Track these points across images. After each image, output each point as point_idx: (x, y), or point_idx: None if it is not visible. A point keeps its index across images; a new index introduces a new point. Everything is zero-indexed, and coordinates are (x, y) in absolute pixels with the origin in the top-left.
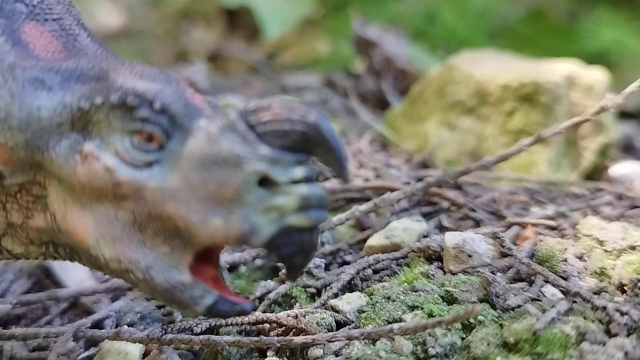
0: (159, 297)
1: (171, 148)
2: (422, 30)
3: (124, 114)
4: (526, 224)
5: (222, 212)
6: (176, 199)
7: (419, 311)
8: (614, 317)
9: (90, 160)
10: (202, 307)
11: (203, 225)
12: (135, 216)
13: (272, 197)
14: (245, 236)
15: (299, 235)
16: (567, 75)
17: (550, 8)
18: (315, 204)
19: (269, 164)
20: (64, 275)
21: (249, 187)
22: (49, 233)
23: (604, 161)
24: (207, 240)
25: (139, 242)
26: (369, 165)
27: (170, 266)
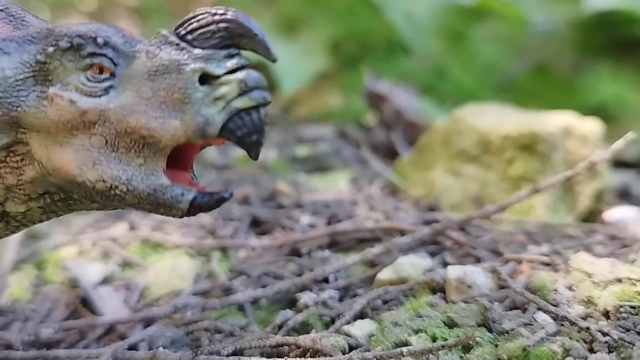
0: (145, 204)
1: (120, 73)
2: (430, 85)
3: (74, 55)
4: (522, 260)
5: (176, 113)
6: (135, 112)
7: (423, 334)
8: (596, 336)
9: (55, 100)
10: (185, 203)
11: (163, 129)
12: (106, 138)
13: (215, 90)
14: (202, 129)
15: (248, 116)
16: (563, 126)
17: (555, 63)
18: (254, 85)
19: (205, 62)
20: (100, 304)
21: (192, 86)
22: (41, 182)
23: (599, 205)
24: (171, 141)
25: (115, 160)
26: (379, 209)
27: (148, 174)
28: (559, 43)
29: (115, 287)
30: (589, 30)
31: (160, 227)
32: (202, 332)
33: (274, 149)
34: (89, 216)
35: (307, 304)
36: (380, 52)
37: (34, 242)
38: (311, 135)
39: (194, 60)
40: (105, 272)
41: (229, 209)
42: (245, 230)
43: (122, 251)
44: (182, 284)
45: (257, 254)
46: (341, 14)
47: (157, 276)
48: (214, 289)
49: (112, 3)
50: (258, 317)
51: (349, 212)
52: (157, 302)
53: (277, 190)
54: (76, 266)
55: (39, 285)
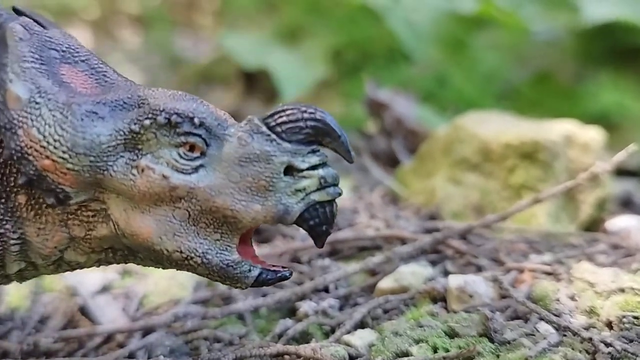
0: (215, 276)
1: (211, 154)
2: (431, 93)
3: (169, 131)
4: (524, 269)
5: (260, 199)
6: (222, 193)
7: (424, 344)
8: (599, 347)
9: (147, 172)
10: (251, 279)
11: (246, 212)
12: (190, 213)
13: (297, 182)
14: (280, 216)
15: (322, 209)
16: (564, 134)
17: (556, 71)
18: (331, 182)
19: (291, 155)
20: (99, 313)
21: (278, 176)
22: (111, 240)
23: (602, 214)
24: (251, 224)
25: (194, 234)
26: (379, 217)
27: (222, 249)
28: (560, 51)
29: (114, 296)
30: (590, 39)
31: None
32: (202, 341)
33: None
34: None
35: (307, 313)
36: (381, 60)
37: None
38: None
39: (282, 153)
40: (104, 281)
41: None
42: None
43: None
44: (182, 292)
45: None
46: (342, 22)
47: (157, 285)
48: (213, 297)
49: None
50: (258, 326)
51: (349, 220)
52: (157, 311)
53: None
54: (75, 274)
55: (37, 294)
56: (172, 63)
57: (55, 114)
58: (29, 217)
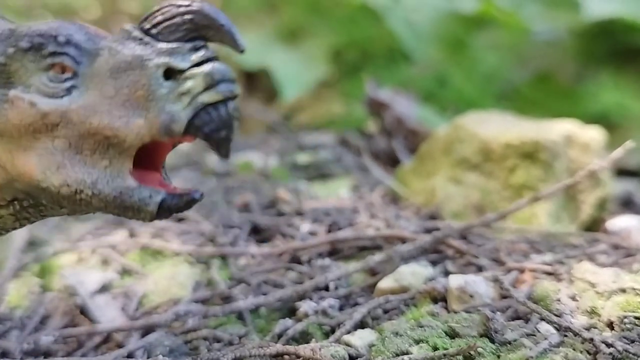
0: (112, 208)
1: (83, 72)
2: (432, 92)
3: (35, 55)
4: (524, 269)
5: (140, 111)
6: (98, 112)
7: (424, 344)
8: (600, 348)
9: (16, 103)
10: (153, 206)
11: (127, 128)
12: (70, 141)
13: (180, 85)
14: (166, 126)
15: (215, 111)
16: (565, 134)
17: (556, 71)
18: (220, 78)
19: (169, 56)
20: (98, 313)
21: (156, 81)
22: (8, 188)
23: (602, 214)
24: (136, 141)
25: (79, 164)
26: (380, 217)
27: (113, 176)
28: (561, 51)
29: (114, 295)
30: (590, 39)
31: (160, 235)
32: (201, 340)
33: (274, 156)
34: (88, 223)
35: (307, 313)
36: (382, 60)
37: (33, 250)
38: (312, 142)
39: (157, 55)
40: (103, 280)
41: (229, 216)
42: (245, 238)
43: (121, 259)
44: (181, 292)
45: (257, 261)
46: (343, 22)
47: (156, 284)
48: (213, 297)
49: (115, 11)
50: (257, 325)
51: (349, 219)
52: (156, 310)
53: (277, 198)
54: (74, 274)
55: (37, 293)
56: None
57: None
58: None
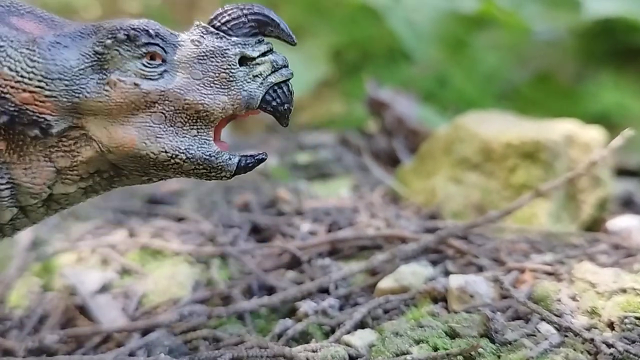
0: (201, 169)
1: (171, 59)
2: (432, 92)
3: (130, 45)
4: (525, 269)
5: (224, 90)
6: (190, 91)
7: (424, 344)
8: (601, 348)
9: (119, 85)
10: (232, 166)
11: (215, 104)
12: (165, 115)
13: (253, 69)
14: (246, 101)
15: (280, 89)
16: (565, 134)
17: (557, 71)
18: (282, 64)
19: (242, 47)
20: (98, 312)
21: (235, 67)
22: (97, 161)
23: (602, 214)
24: (221, 114)
25: (174, 134)
26: (380, 217)
27: (202, 143)
28: (561, 51)
29: (114, 295)
30: (590, 39)
31: (160, 234)
32: (201, 340)
33: (274, 156)
34: (88, 223)
35: (307, 313)
36: (382, 59)
37: (33, 249)
38: (312, 142)
39: (234, 46)
40: (103, 280)
41: (229, 215)
42: (245, 238)
43: (121, 258)
44: (181, 291)
45: (257, 261)
46: (343, 22)
47: (156, 284)
48: (213, 297)
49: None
50: (257, 326)
51: (350, 219)
52: (156, 310)
53: (277, 197)
54: (74, 273)
55: (37, 293)
56: None
57: (22, 51)
58: (12, 160)
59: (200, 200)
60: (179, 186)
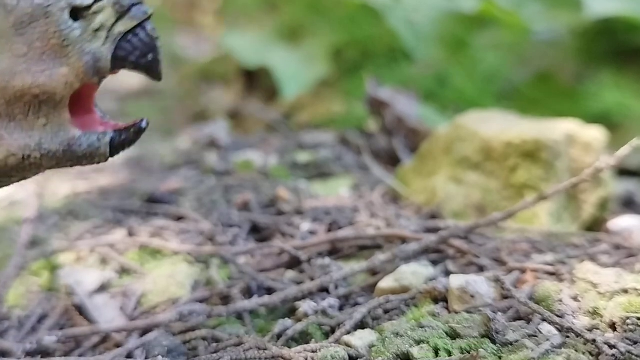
0: (64, 162)
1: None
2: (432, 92)
3: None
4: (526, 269)
5: (61, 60)
6: (17, 73)
7: (425, 345)
8: (603, 349)
9: None
10: (105, 147)
11: (54, 81)
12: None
13: (91, 22)
14: (93, 66)
15: (135, 38)
16: (566, 133)
17: (557, 71)
18: (129, 2)
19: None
20: (96, 313)
21: (66, 25)
22: None
23: (604, 214)
24: (66, 91)
25: (17, 130)
26: (380, 216)
27: (55, 131)
28: (562, 51)
29: (112, 295)
30: (591, 39)
31: (159, 234)
32: (200, 341)
33: (274, 155)
34: (87, 222)
35: (307, 313)
36: (382, 59)
37: (32, 249)
38: (312, 141)
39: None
40: (102, 280)
41: (229, 215)
42: (245, 237)
43: (120, 258)
44: (180, 291)
45: (257, 260)
46: (343, 21)
47: (155, 283)
48: (212, 296)
49: None
50: (257, 325)
51: (349, 219)
52: (155, 310)
53: (277, 197)
54: (73, 273)
55: (35, 293)
56: (173, 62)
57: None
58: None
59: (199, 200)
60: (178, 185)
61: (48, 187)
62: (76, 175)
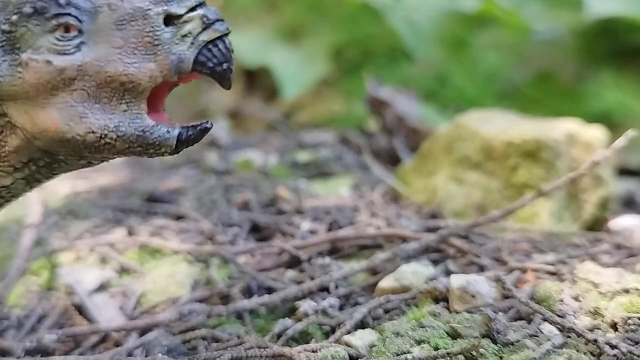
0: (135, 147)
1: (88, 29)
2: (432, 91)
3: (39, 19)
4: (527, 269)
5: (150, 56)
6: (111, 61)
7: (426, 345)
8: (604, 349)
9: (31, 64)
10: (172, 140)
11: (141, 72)
12: (87, 92)
13: (180, 28)
14: (176, 65)
15: (215, 48)
16: (567, 133)
17: (558, 70)
18: (215, 18)
19: (166, 4)
20: (96, 312)
21: (160, 28)
22: (27, 149)
23: (604, 214)
24: (149, 83)
25: (100, 111)
26: (380, 216)
27: (133, 118)
28: (562, 51)
29: (112, 294)
30: (592, 38)
31: (159, 233)
32: (200, 340)
33: (274, 154)
34: (87, 221)
35: (307, 313)
36: (383, 58)
37: (34, 248)
38: (312, 140)
39: (155, 5)
40: (101, 279)
41: (229, 214)
42: (245, 237)
43: (120, 257)
44: (180, 291)
45: (257, 260)
46: (344, 20)
47: (155, 283)
48: (212, 296)
49: None
50: (257, 325)
51: (350, 218)
52: (154, 310)
53: (277, 196)
54: (72, 272)
55: (34, 292)
56: None
57: None
58: None
59: (199, 199)
60: (178, 184)
61: (48, 186)
62: (76, 175)
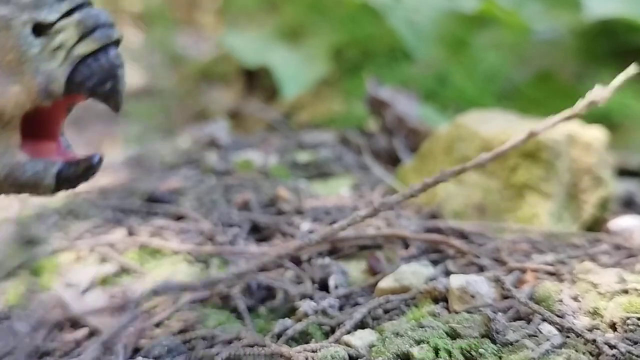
0: (7, 187)
1: None
2: (432, 91)
3: None
4: (526, 269)
5: (15, 77)
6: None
7: (425, 345)
8: (603, 349)
9: None
10: (50, 179)
11: (4, 98)
12: None
13: (51, 40)
14: (45, 88)
15: (95, 62)
16: (567, 133)
17: (557, 70)
18: (94, 24)
19: (34, 10)
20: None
21: (25, 41)
22: None
23: (604, 214)
24: (16, 111)
25: None
26: (380, 216)
27: (1, 153)
28: (562, 51)
29: (112, 294)
30: (591, 38)
31: (159, 233)
32: (199, 340)
33: (274, 154)
34: (87, 222)
35: (307, 313)
36: (383, 58)
37: (31, 248)
38: (312, 141)
39: (21, 11)
40: (101, 279)
41: (229, 214)
42: (245, 237)
43: (120, 257)
44: None
45: (257, 260)
46: (344, 21)
47: (155, 283)
48: (212, 296)
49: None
50: (257, 325)
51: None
52: (154, 310)
53: (277, 196)
54: (72, 272)
55: (34, 292)
56: (174, 61)
57: None
58: None
59: (199, 199)
60: (178, 184)
61: None
62: None
